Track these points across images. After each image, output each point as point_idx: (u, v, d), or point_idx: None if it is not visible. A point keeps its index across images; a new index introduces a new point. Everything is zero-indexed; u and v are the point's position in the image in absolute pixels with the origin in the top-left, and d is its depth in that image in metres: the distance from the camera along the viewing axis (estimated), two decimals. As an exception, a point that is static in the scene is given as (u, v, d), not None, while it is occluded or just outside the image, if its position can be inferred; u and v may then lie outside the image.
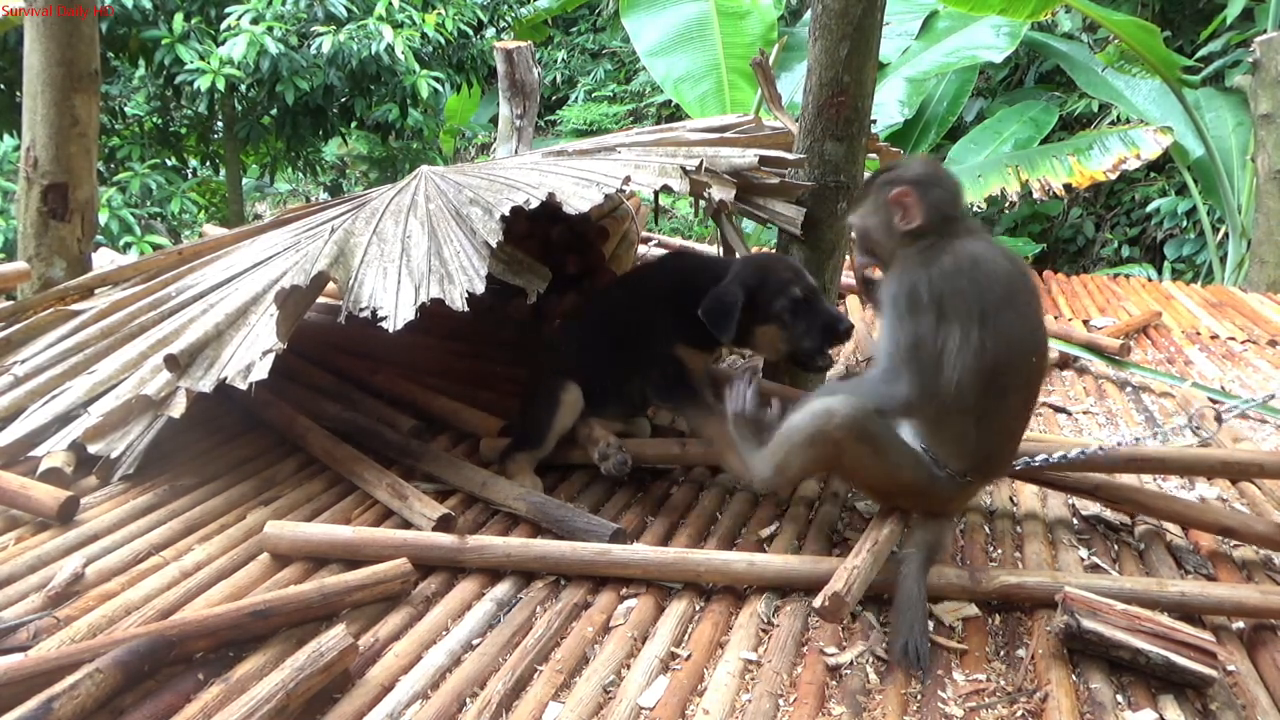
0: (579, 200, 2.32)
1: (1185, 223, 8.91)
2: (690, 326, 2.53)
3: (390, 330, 2.18)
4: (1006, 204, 7.89)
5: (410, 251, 2.42)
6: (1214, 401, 3.37)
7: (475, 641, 1.89)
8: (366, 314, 2.23)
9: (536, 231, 3.48)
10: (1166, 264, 8.93)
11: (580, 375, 2.64)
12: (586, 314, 2.97)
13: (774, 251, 2.83)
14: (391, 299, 2.25)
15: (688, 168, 2.52)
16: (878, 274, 2.21)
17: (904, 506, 2.15)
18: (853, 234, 2.21)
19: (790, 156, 2.78)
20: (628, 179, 2.42)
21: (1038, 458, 2.36)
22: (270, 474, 2.59)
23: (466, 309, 2.19)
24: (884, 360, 2.02)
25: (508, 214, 2.33)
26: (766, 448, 2.12)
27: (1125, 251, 9.46)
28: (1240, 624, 2.03)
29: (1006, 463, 2.21)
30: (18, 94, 6.12)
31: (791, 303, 2.45)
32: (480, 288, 2.22)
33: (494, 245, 2.29)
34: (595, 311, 2.92)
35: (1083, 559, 2.30)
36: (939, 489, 2.09)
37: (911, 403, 1.99)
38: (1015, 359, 1.97)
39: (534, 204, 2.34)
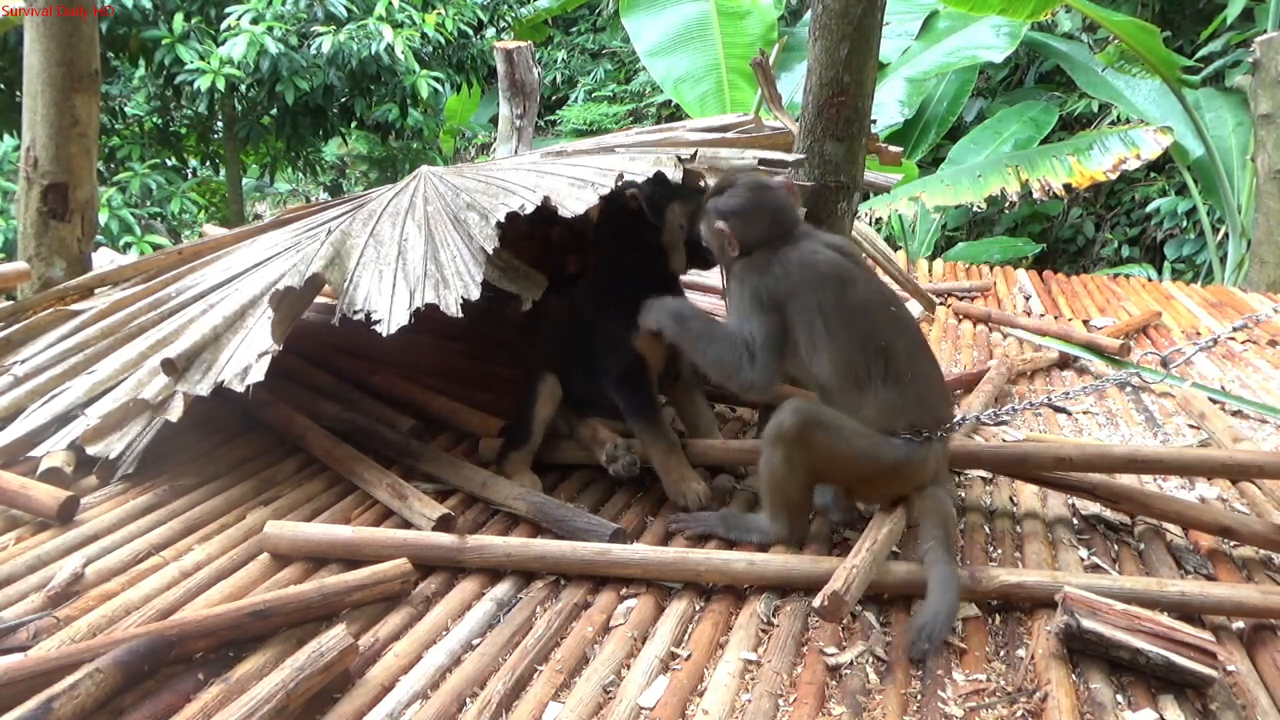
0: (574, 202, 2.32)
1: (1185, 223, 8.91)
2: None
3: (384, 334, 2.18)
4: (1006, 204, 7.90)
5: (406, 255, 2.42)
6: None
7: (475, 641, 1.89)
8: (361, 317, 2.23)
9: (536, 232, 3.48)
10: (1166, 264, 8.93)
11: (568, 373, 2.65)
12: (564, 310, 2.96)
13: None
14: (386, 302, 2.25)
15: (682, 156, 2.51)
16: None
17: (899, 492, 2.19)
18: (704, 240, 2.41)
19: (790, 157, 2.78)
20: (621, 175, 2.41)
21: (969, 416, 2.63)
22: (270, 474, 2.59)
23: (461, 315, 2.19)
24: (733, 330, 2.23)
25: (503, 220, 2.33)
26: (762, 507, 2.28)
27: (1125, 251, 9.46)
28: (1240, 624, 2.03)
29: (944, 404, 2.32)
30: (18, 94, 6.12)
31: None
32: (476, 294, 2.22)
33: (489, 252, 2.29)
34: (577, 308, 2.91)
35: (1083, 559, 2.30)
36: (914, 457, 2.14)
37: (757, 384, 2.20)
38: (875, 320, 2.19)
39: (529, 209, 2.34)
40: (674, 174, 2.44)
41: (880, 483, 2.20)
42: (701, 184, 2.55)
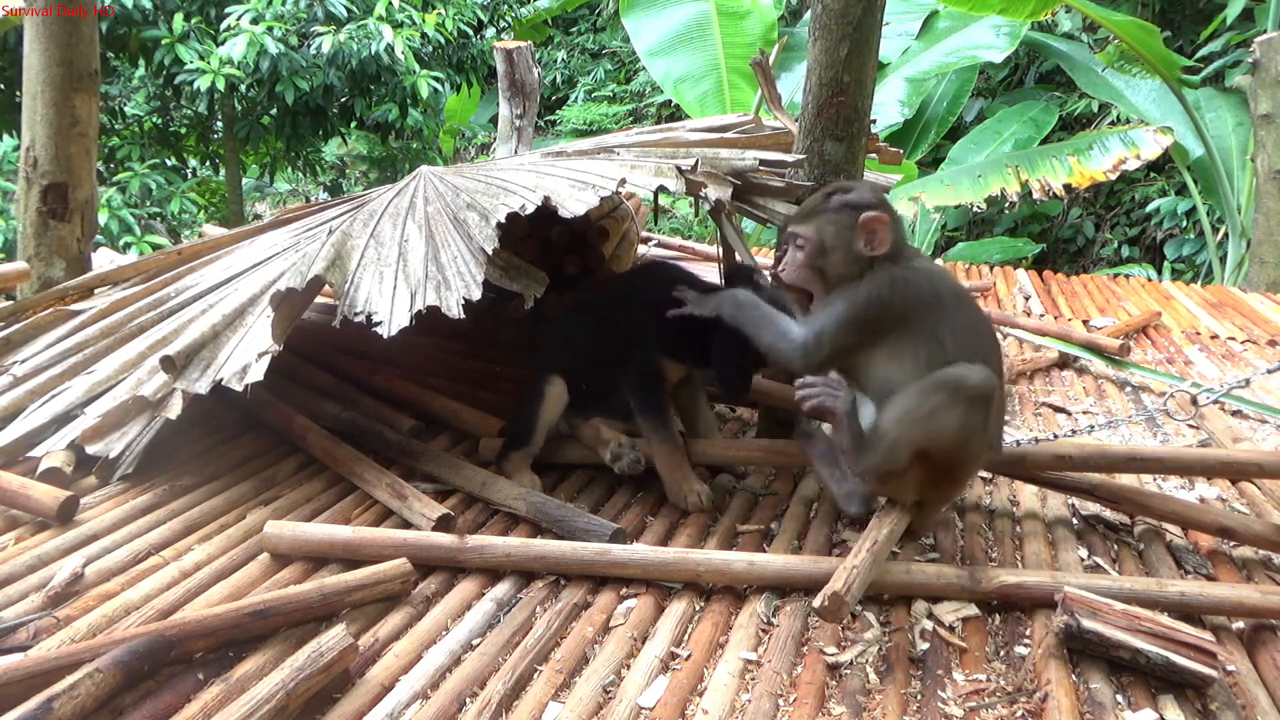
0: (575, 203, 2.32)
1: (1185, 223, 8.91)
2: (676, 341, 2.55)
3: (385, 336, 2.18)
4: (1006, 204, 7.91)
5: (407, 256, 2.41)
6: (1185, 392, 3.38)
7: (475, 641, 1.89)
8: (362, 319, 2.23)
9: (536, 232, 3.48)
10: (1166, 264, 8.93)
11: (572, 374, 2.65)
12: (578, 313, 2.97)
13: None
14: (387, 304, 2.25)
15: (683, 167, 2.51)
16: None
17: (941, 498, 2.21)
18: (799, 244, 2.19)
19: (790, 157, 2.77)
20: (623, 181, 2.41)
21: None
22: (270, 474, 2.59)
23: (462, 316, 2.19)
24: (811, 321, 2.18)
25: (504, 220, 2.33)
26: (874, 433, 2.11)
27: (1125, 251, 9.47)
28: (1240, 624, 2.03)
29: (1001, 435, 2.30)
30: (18, 94, 6.12)
31: None
32: (477, 294, 2.22)
33: (490, 252, 2.29)
34: (587, 311, 2.92)
35: (1083, 559, 2.30)
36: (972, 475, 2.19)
37: (796, 353, 2.17)
38: (987, 334, 2.18)
39: (529, 209, 2.34)
40: (676, 185, 2.44)
41: (951, 487, 2.21)
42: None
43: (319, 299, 2.93)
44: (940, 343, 2.06)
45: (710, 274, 3.08)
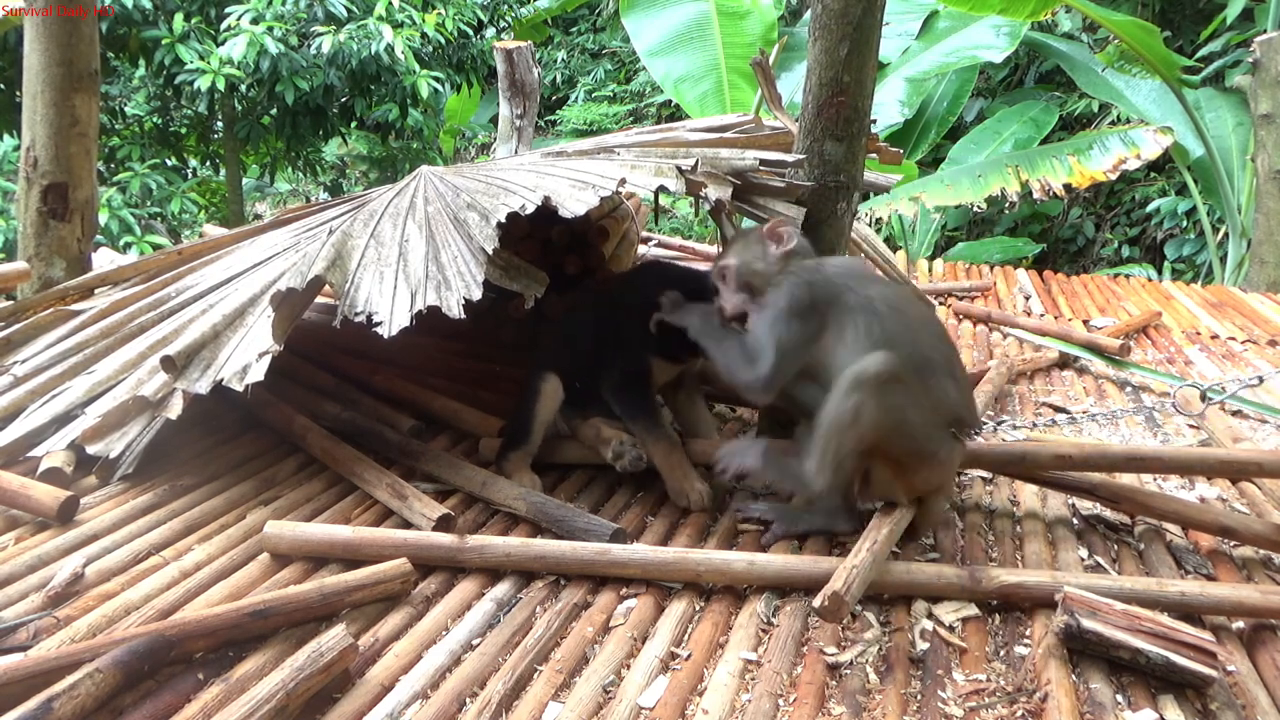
0: (575, 203, 2.32)
1: (1185, 223, 8.91)
2: (667, 339, 2.55)
3: (385, 336, 2.18)
4: (1006, 204, 7.91)
5: (408, 256, 2.41)
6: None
7: (475, 641, 1.89)
8: (362, 319, 2.23)
9: (536, 232, 3.48)
10: (1166, 264, 8.93)
11: (569, 374, 2.65)
12: (573, 312, 2.97)
13: None
14: (387, 304, 2.25)
15: (683, 167, 2.51)
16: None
17: (930, 488, 2.23)
18: (725, 275, 2.42)
19: (790, 157, 2.77)
20: (623, 181, 2.41)
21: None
22: (270, 474, 2.59)
23: (463, 316, 2.19)
24: (751, 340, 2.28)
25: (504, 220, 2.33)
26: (810, 454, 2.16)
27: (1125, 251, 9.47)
28: (1240, 624, 2.03)
29: (973, 406, 2.33)
30: (18, 94, 6.12)
31: None
32: (477, 294, 2.22)
33: (490, 252, 2.29)
34: (582, 310, 2.92)
35: (1083, 559, 2.30)
36: (953, 455, 2.19)
37: (757, 383, 2.22)
38: (922, 311, 2.28)
39: (529, 209, 2.34)
40: (676, 185, 2.44)
41: (924, 472, 2.19)
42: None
43: (319, 299, 2.93)
44: (870, 322, 2.16)
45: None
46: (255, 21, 7.08)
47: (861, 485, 2.31)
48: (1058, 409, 3.47)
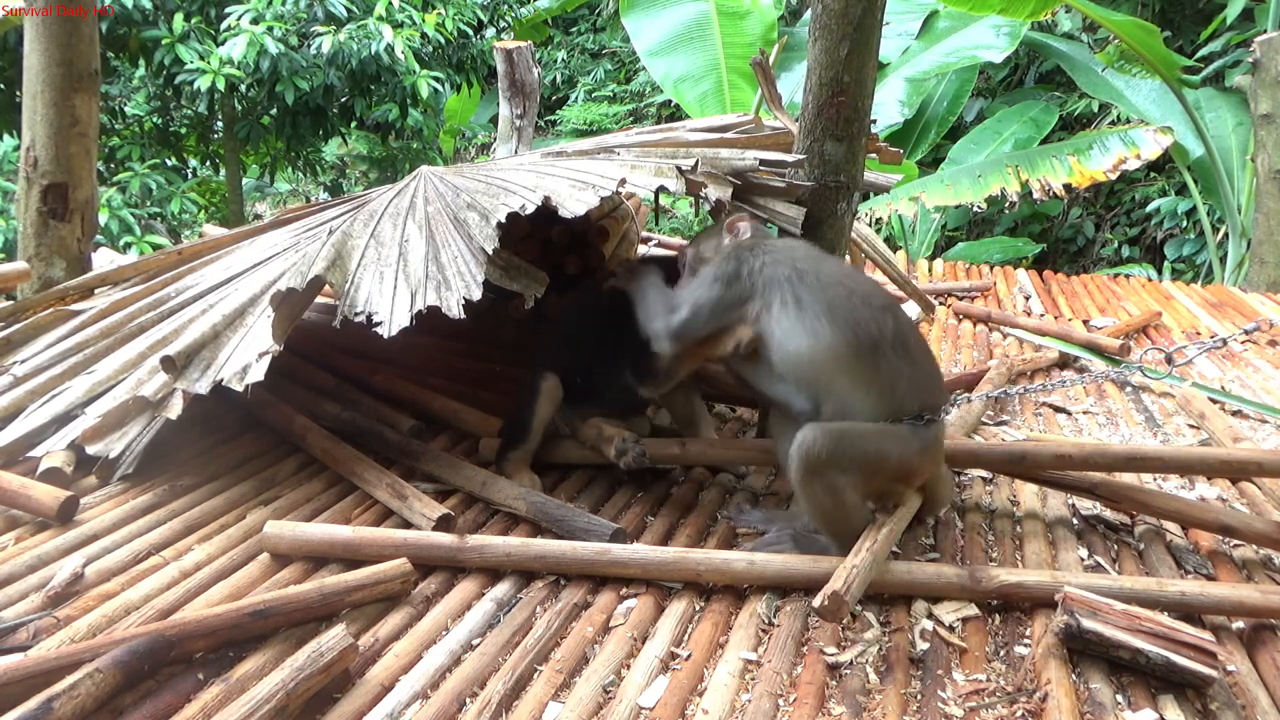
0: (575, 204, 2.32)
1: (1185, 223, 8.91)
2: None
3: (385, 336, 2.18)
4: (1006, 204, 7.91)
5: (408, 256, 2.41)
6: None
7: (475, 641, 1.89)
8: (362, 319, 2.23)
9: (536, 232, 3.48)
10: (1166, 264, 8.93)
11: (566, 372, 2.65)
12: (576, 313, 2.97)
13: None
14: (387, 304, 2.25)
15: (683, 167, 2.51)
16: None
17: (925, 477, 2.24)
18: (683, 262, 2.57)
19: (790, 157, 2.77)
20: (623, 181, 2.42)
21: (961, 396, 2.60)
22: (270, 474, 2.59)
23: (463, 316, 2.19)
24: (674, 294, 2.40)
25: (504, 220, 2.33)
26: (820, 529, 2.19)
27: (1125, 251, 9.46)
28: (1240, 624, 2.03)
29: (938, 383, 2.31)
30: (18, 94, 6.12)
31: None
32: (477, 294, 2.22)
33: (490, 252, 2.29)
34: (587, 310, 2.92)
35: (1083, 559, 2.30)
36: (929, 439, 2.17)
37: (665, 330, 2.33)
38: (869, 290, 2.25)
39: (529, 209, 2.34)
40: (676, 185, 2.44)
41: (914, 474, 2.20)
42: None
43: (319, 299, 2.93)
44: (800, 301, 2.18)
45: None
46: (255, 21, 7.08)
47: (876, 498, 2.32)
48: (1058, 409, 3.47)
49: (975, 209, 8.03)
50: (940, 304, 4.87)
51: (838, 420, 2.12)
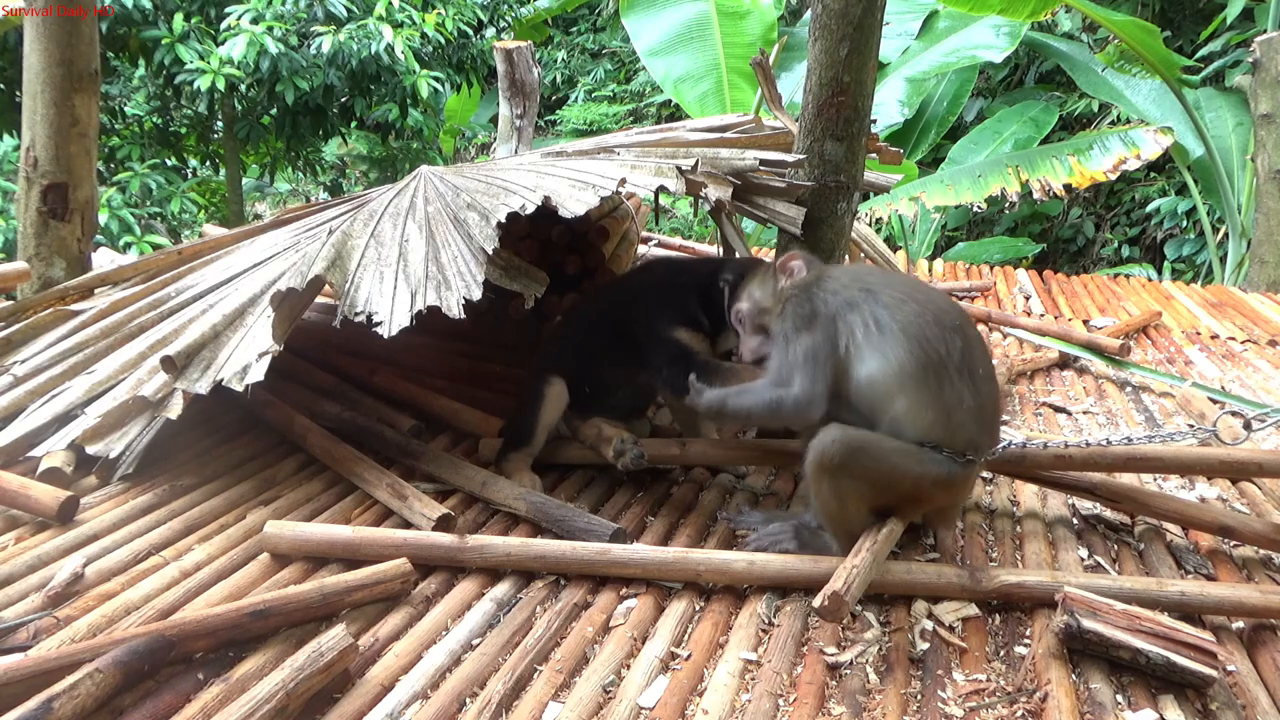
0: (575, 204, 2.32)
1: (1185, 223, 8.91)
2: (686, 312, 2.59)
3: (385, 336, 2.18)
4: (1006, 204, 7.91)
5: (408, 256, 2.41)
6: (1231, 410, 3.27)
7: (475, 641, 1.89)
8: (362, 319, 2.23)
9: (536, 232, 3.48)
10: (1166, 264, 8.93)
11: (573, 376, 2.65)
12: (578, 315, 2.97)
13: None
14: (387, 304, 2.25)
15: (683, 167, 2.52)
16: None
17: (942, 506, 2.20)
18: (741, 319, 2.42)
19: (790, 157, 2.78)
20: (623, 181, 2.42)
21: (1018, 441, 2.36)
22: (270, 474, 2.59)
23: (463, 316, 2.19)
24: (773, 371, 2.21)
25: (504, 220, 2.33)
26: (822, 527, 2.19)
27: (1125, 251, 9.46)
28: (1240, 624, 2.03)
29: (994, 420, 2.22)
30: (18, 94, 6.12)
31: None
32: (477, 294, 2.22)
33: (490, 252, 2.29)
34: (589, 313, 2.92)
35: (1083, 559, 2.30)
36: (952, 477, 2.09)
37: (801, 400, 2.12)
38: (927, 321, 2.09)
39: (529, 209, 2.34)
40: (676, 185, 2.44)
41: (926, 501, 2.16)
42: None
43: (319, 299, 2.93)
44: (879, 322, 2.09)
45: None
46: (255, 21, 7.08)
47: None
48: (1058, 409, 3.47)
49: (975, 209, 8.03)
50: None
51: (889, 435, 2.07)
